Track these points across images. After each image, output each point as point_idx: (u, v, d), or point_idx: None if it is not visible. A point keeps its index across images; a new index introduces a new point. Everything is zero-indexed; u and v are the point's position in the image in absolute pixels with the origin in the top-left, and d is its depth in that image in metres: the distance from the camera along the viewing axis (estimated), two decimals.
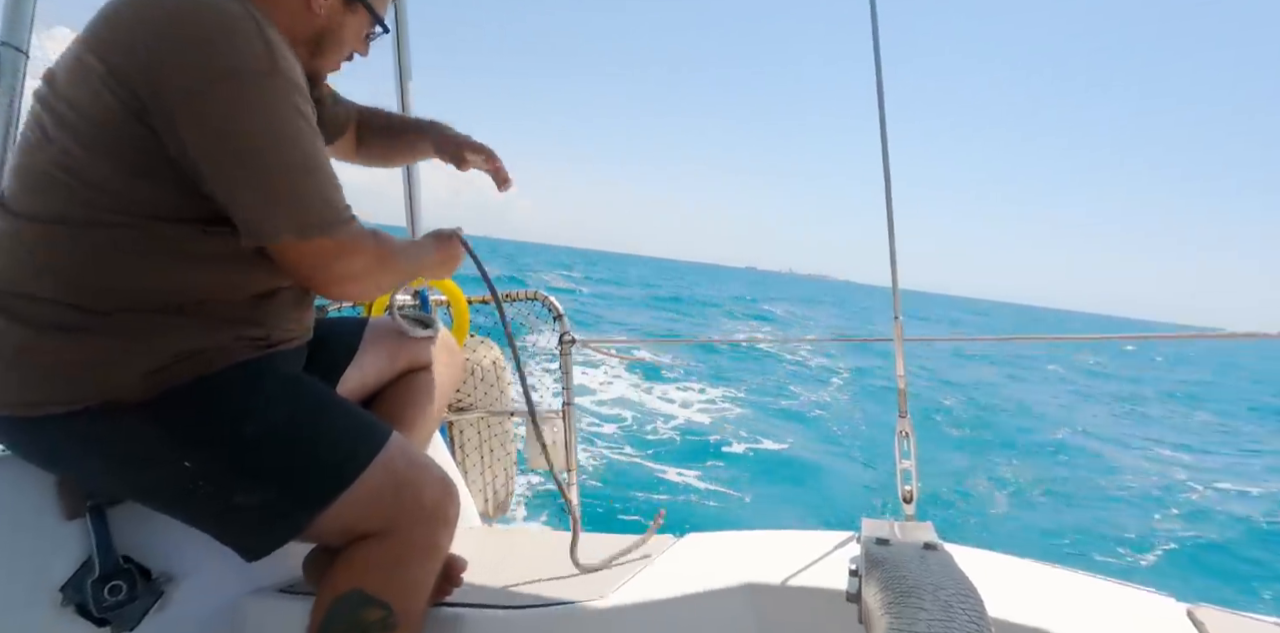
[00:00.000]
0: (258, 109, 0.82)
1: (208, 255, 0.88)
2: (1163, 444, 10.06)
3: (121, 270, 0.84)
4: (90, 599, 0.97)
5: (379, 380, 1.26)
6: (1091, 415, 12.16)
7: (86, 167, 0.82)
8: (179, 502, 0.92)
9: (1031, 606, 0.99)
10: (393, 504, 0.95)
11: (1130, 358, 29.33)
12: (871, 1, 1.20)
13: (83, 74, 0.82)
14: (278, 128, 0.83)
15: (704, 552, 1.30)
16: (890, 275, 1.24)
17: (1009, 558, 1.23)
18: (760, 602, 1.10)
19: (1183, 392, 18.50)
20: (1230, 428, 12.74)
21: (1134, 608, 1.05)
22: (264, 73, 0.82)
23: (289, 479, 0.90)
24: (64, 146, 0.83)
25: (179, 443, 0.86)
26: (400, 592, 0.93)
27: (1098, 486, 7.16)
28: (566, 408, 1.97)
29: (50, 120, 0.84)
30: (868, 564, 0.77)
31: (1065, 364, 20.70)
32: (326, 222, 0.86)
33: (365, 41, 1.09)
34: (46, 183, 0.84)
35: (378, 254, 0.94)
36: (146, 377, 0.84)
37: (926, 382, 12.54)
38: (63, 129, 0.83)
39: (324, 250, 0.87)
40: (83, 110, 0.82)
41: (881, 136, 1.20)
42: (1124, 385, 18.25)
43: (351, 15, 1.03)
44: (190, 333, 0.87)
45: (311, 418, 0.94)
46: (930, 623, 0.61)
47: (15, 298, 0.84)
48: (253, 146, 0.81)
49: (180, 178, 0.84)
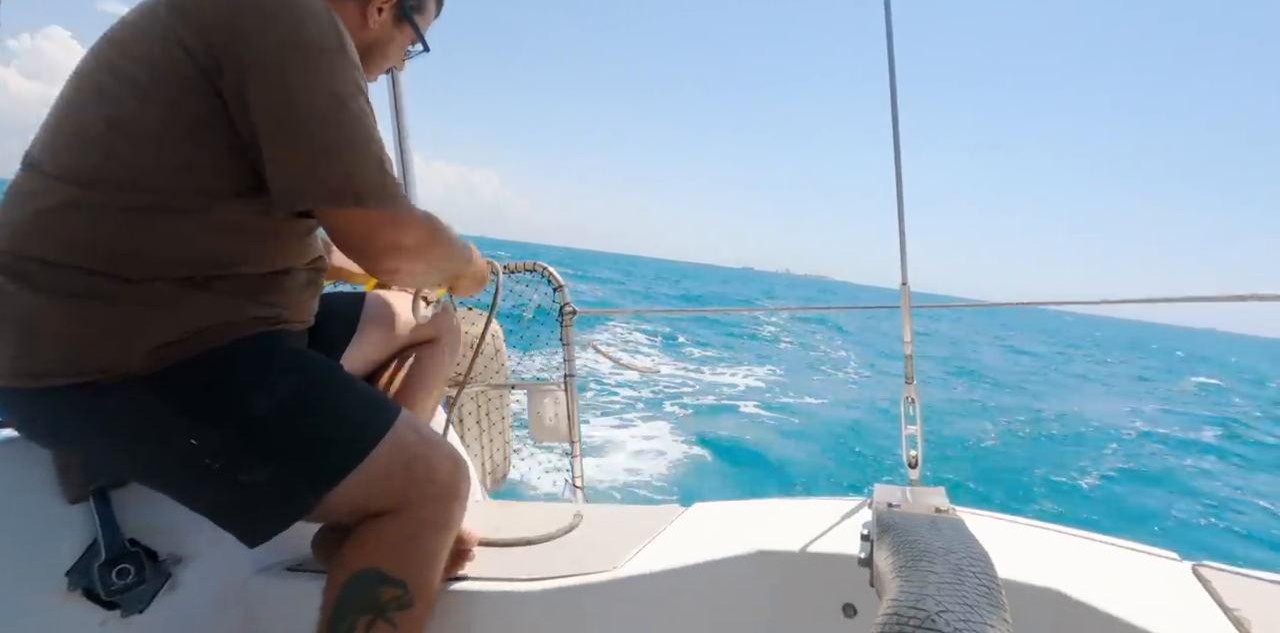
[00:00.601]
0: (327, 80, 0.85)
1: (237, 227, 0.88)
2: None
3: (149, 237, 0.83)
4: (98, 583, 0.96)
5: (379, 356, 1.25)
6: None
7: (138, 121, 0.83)
8: (184, 480, 0.90)
9: (1041, 567, 1.00)
10: (405, 481, 0.94)
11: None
12: (886, 4, 1.18)
13: (159, 30, 0.84)
14: (344, 100, 0.85)
15: (713, 521, 1.31)
16: (898, 244, 1.21)
17: (1018, 521, 1.23)
18: (772, 568, 1.11)
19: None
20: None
21: (1141, 567, 1.06)
22: (335, 49, 0.86)
23: (299, 456, 0.88)
24: (120, 100, 0.83)
25: (187, 417, 0.84)
26: (415, 569, 0.93)
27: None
28: (568, 379, 1.96)
29: (108, 75, 0.85)
30: (879, 529, 0.77)
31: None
32: (383, 192, 0.87)
33: (404, 58, 1.18)
34: (88, 139, 0.83)
35: (429, 231, 0.95)
36: (158, 349, 0.83)
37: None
38: (121, 83, 0.84)
39: (378, 219, 0.88)
40: (150, 63, 0.83)
41: (893, 122, 1.18)
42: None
43: (399, 32, 1.11)
44: (207, 307, 0.86)
45: (321, 394, 0.93)
46: (940, 585, 0.61)
47: (28, 262, 0.82)
48: (319, 115, 0.84)
49: (229, 143, 0.85)
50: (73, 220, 0.83)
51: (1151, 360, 26.34)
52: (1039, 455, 7.13)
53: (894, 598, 0.60)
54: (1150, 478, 6.52)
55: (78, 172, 0.83)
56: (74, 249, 0.82)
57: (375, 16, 1.05)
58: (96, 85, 0.85)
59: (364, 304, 1.24)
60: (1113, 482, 6.29)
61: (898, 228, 1.20)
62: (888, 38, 1.19)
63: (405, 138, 1.88)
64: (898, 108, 1.18)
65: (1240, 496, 6.18)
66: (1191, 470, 6.90)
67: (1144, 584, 0.99)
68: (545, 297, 1.99)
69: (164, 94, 0.83)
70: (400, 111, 1.87)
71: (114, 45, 0.87)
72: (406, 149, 1.90)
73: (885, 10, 1.19)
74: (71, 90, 0.88)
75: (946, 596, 0.59)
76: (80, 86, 0.87)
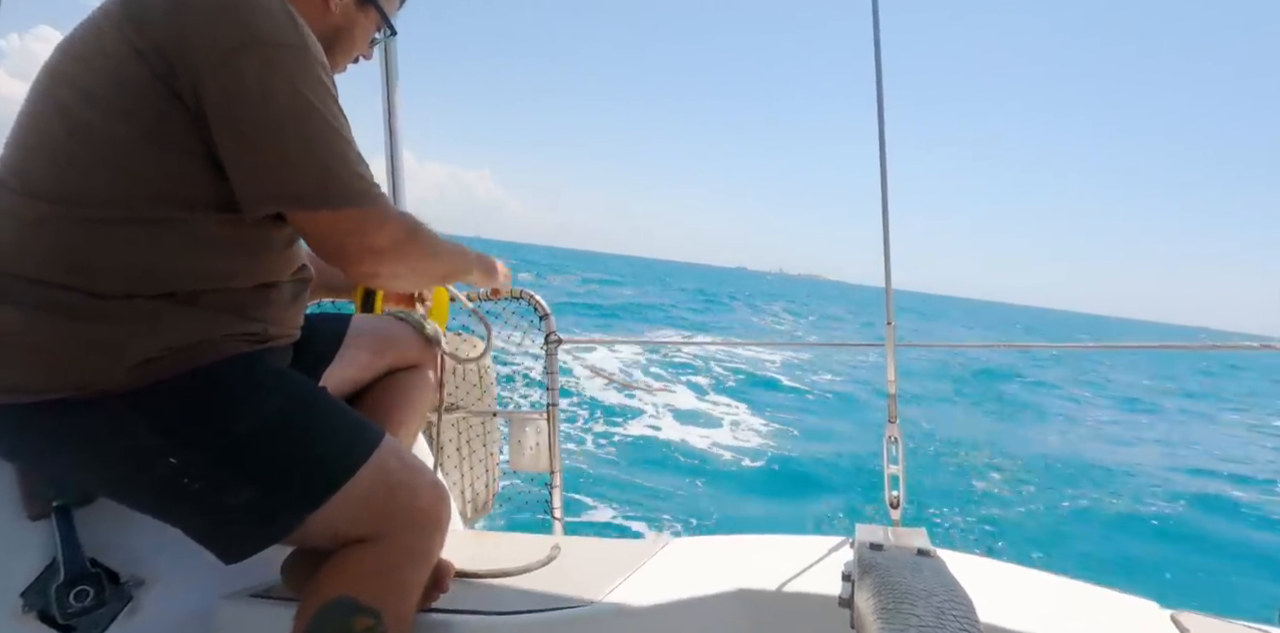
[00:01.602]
0: (286, 79, 0.81)
1: (217, 239, 0.86)
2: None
3: (124, 251, 0.81)
4: (54, 605, 0.93)
5: (362, 379, 1.23)
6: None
7: (102, 135, 0.80)
8: (160, 499, 0.88)
9: (1021, 611, 0.99)
10: (386, 507, 0.92)
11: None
12: (874, 8, 1.20)
13: (110, 41, 0.81)
14: (306, 98, 0.82)
15: (694, 556, 1.29)
16: (884, 281, 1.23)
17: (1000, 564, 1.23)
18: (752, 607, 1.09)
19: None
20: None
21: (1120, 613, 1.05)
22: (294, 45, 0.83)
23: (279, 477, 0.87)
24: (80, 115, 0.81)
25: (166, 437, 0.82)
26: (391, 599, 0.90)
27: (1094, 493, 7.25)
28: (550, 409, 1.94)
29: (66, 91, 0.82)
30: (860, 570, 0.77)
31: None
32: (357, 192, 0.85)
33: (370, 45, 1.11)
34: (51, 153, 0.82)
35: (408, 230, 0.92)
36: (137, 367, 0.81)
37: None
38: (79, 98, 0.81)
39: (354, 220, 0.85)
40: (106, 71, 0.81)
41: (880, 143, 1.20)
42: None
43: (363, 16, 1.06)
44: (188, 324, 0.85)
45: (305, 415, 0.91)
46: (922, 629, 0.61)
47: (3, 278, 0.81)
48: (282, 116, 0.81)
49: (197, 153, 0.82)
50: (45, 236, 0.81)
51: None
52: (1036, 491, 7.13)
53: None
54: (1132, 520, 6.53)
55: (45, 187, 0.81)
56: (49, 265, 0.81)
57: (337, 0, 1.01)
58: (55, 98, 0.83)
59: (349, 325, 1.23)
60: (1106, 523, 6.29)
61: (884, 270, 1.22)
62: (875, 44, 1.20)
63: (396, 136, 1.86)
64: (884, 139, 1.20)
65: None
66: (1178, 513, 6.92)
67: (1121, 631, 0.98)
68: (531, 324, 1.98)
69: (121, 103, 0.80)
70: (392, 115, 1.86)
71: (71, 59, 0.85)
72: (397, 147, 1.87)
73: (873, 15, 1.20)
74: (31, 104, 0.86)
75: None
76: (39, 100, 0.85)
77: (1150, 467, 8.82)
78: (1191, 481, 8.22)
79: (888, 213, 1.20)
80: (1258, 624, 1.05)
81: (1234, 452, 10.49)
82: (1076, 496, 7.00)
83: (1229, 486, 8.18)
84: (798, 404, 10.59)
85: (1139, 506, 6.82)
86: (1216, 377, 28.44)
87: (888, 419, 1.26)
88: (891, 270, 1.20)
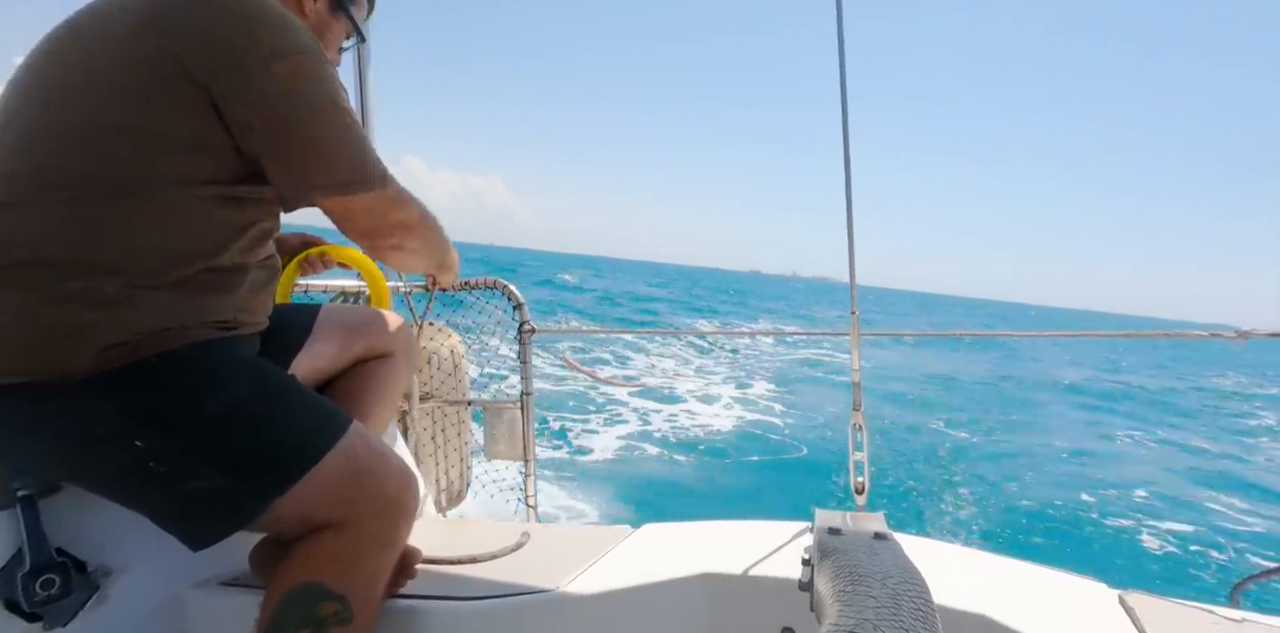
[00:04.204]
0: (318, 81, 0.90)
1: (187, 226, 0.87)
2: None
3: (94, 237, 0.82)
4: (20, 594, 0.92)
5: (331, 368, 1.23)
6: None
7: (75, 120, 0.83)
8: (126, 484, 0.87)
9: (973, 593, 1.03)
10: (353, 493, 0.93)
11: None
12: (838, 4, 1.21)
13: (118, 33, 0.86)
14: (333, 98, 0.91)
15: (660, 542, 1.31)
16: (848, 271, 1.25)
17: (953, 547, 1.26)
18: (714, 591, 1.11)
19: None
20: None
21: (1068, 594, 1.09)
22: (316, 51, 0.92)
23: (246, 462, 0.87)
24: (54, 100, 0.84)
25: (133, 421, 0.82)
26: (357, 585, 0.91)
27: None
28: (525, 398, 1.95)
29: (49, 77, 0.87)
30: (820, 554, 0.79)
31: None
32: (383, 174, 0.95)
33: (340, 52, 1.19)
34: (25, 139, 0.84)
35: (420, 208, 1.04)
36: (105, 351, 0.81)
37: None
38: (59, 84, 0.85)
39: (387, 200, 0.97)
40: (103, 63, 0.85)
41: (844, 133, 1.22)
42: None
43: (335, 21, 1.13)
44: (158, 309, 0.85)
45: (271, 401, 0.92)
46: (878, 610, 0.63)
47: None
48: (317, 117, 0.90)
49: (194, 135, 0.86)
50: (10, 219, 0.81)
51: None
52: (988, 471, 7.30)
53: (834, 623, 0.61)
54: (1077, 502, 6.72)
55: (12, 168, 0.82)
56: (15, 248, 0.80)
57: (311, 4, 1.09)
58: (37, 82, 0.87)
59: (318, 316, 1.23)
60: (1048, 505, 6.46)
61: (848, 260, 1.24)
62: (839, 45, 1.22)
63: (370, 137, 1.90)
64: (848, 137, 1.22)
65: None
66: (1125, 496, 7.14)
67: (1070, 612, 1.02)
68: (505, 313, 1.99)
69: (98, 96, 0.84)
70: (367, 121, 1.87)
71: (66, 42, 0.88)
72: (370, 134, 1.92)
73: (837, 19, 1.21)
74: (12, 88, 0.88)
75: (884, 620, 0.61)
76: (20, 85, 0.88)
77: (1101, 454, 9.08)
78: (1142, 468, 8.47)
79: (851, 207, 1.22)
80: (1202, 604, 1.10)
81: (1189, 440, 10.81)
82: (1026, 482, 7.18)
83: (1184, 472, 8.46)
84: (786, 393, 10.73)
85: (1085, 491, 7.03)
86: (1174, 364, 29.18)
87: (853, 407, 1.29)
88: (856, 264, 1.23)
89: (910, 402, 11.23)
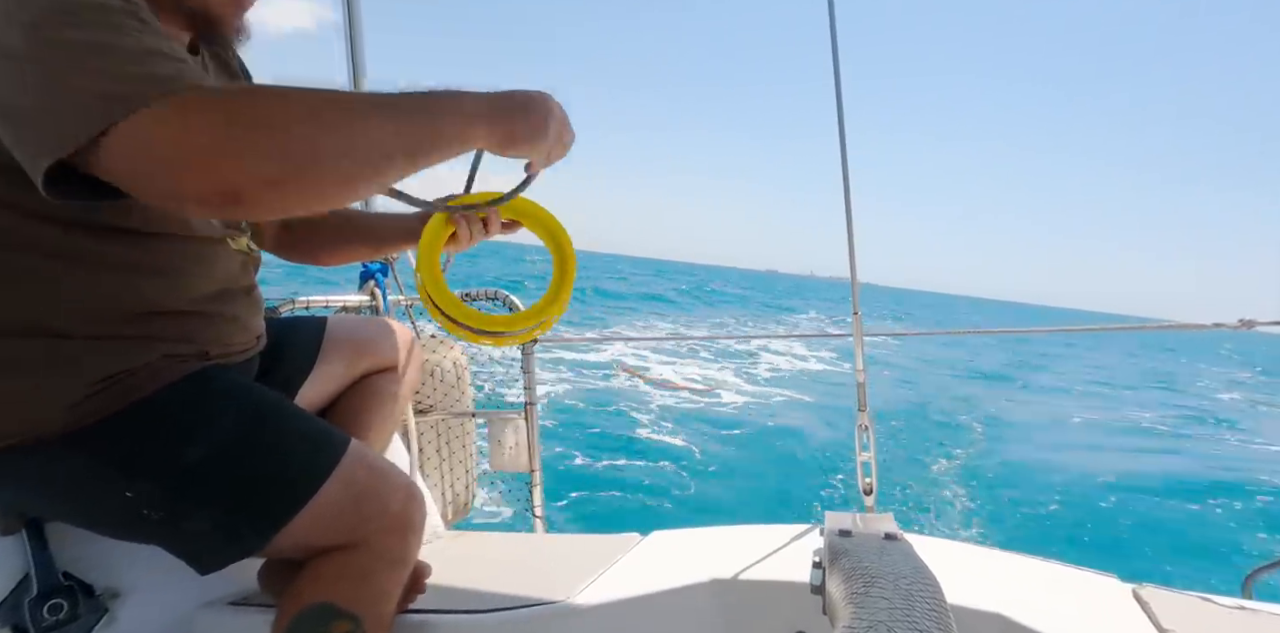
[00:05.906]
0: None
1: (127, 265, 0.82)
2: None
3: (26, 291, 0.76)
4: (28, 620, 0.92)
5: (338, 388, 1.23)
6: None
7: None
8: (124, 530, 0.88)
9: (987, 591, 1.02)
10: (355, 517, 0.91)
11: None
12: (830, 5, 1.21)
13: None
14: (37, 27, 0.61)
15: (669, 549, 1.30)
16: (849, 271, 1.26)
17: (964, 546, 1.26)
18: (726, 597, 1.11)
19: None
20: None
21: (1082, 589, 1.09)
22: None
23: (239, 501, 0.85)
24: None
25: (118, 473, 0.81)
26: (368, 603, 0.90)
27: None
28: (529, 408, 1.95)
29: None
30: (830, 556, 0.78)
31: None
32: (139, 92, 0.58)
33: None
34: None
35: (231, 105, 0.60)
36: (69, 409, 0.78)
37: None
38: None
39: (144, 127, 0.58)
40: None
41: (840, 133, 1.22)
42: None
43: None
44: (106, 356, 0.81)
45: (259, 432, 0.89)
46: (891, 611, 0.62)
47: None
48: (21, 55, 0.61)
49: None
50: None
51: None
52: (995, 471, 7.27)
53: (847, 625, 0.61)
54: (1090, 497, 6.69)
55: None
56: None
57: None
58: None
59: (324, 334, 1.22)
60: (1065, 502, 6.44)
61: (848, 260, 1.24)
62: (833, 48, 1.22)
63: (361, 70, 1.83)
64: (844, 131, 1.22)
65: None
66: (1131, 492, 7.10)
67: (1084, 607, 1.02)
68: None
69: None
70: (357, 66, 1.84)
71: None
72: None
73: (829, 13, 1.20)
74: None
75: (897, 622, 0.60)
76: None
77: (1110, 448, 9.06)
78: (1155, 459, 8.45)
79: (850, 206, 1.23)
80: (1215, 596, 1.09)
81: (1204, 431, 10.78)
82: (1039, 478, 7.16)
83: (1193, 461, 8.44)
84: (797, 397, 10.70)
85: (1098, 484, 7.01)
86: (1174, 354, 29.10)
87: (858, 408, 1.29)
88: (857, 264, 1.23)
89: (915, 399, 11.22)
